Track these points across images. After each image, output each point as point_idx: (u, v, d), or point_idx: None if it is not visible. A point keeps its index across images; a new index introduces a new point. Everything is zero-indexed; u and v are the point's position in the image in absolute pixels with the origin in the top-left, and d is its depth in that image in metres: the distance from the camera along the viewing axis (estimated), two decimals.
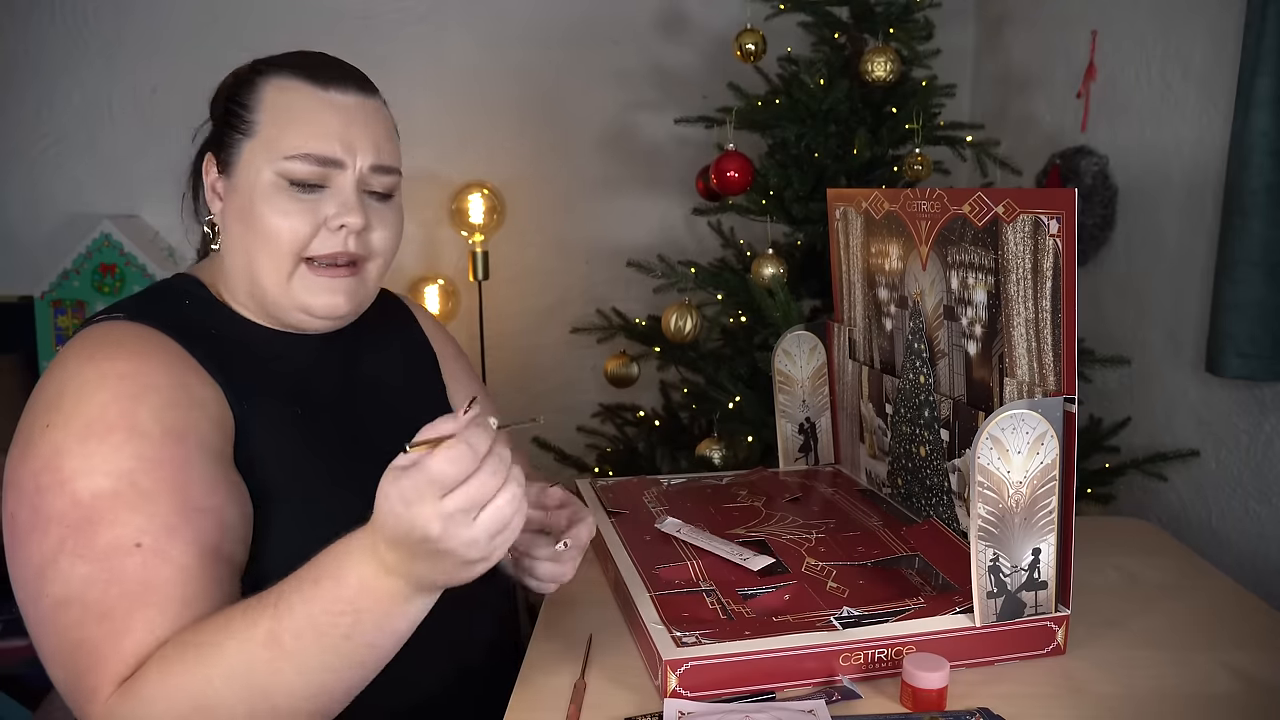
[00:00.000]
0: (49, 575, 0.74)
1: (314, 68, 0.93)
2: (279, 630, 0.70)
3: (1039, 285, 0.90)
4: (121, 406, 0.79)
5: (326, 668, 0.71)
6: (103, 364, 0.81)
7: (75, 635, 0.73)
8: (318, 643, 0.70)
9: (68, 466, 0.76)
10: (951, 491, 1.08)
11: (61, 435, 0.77)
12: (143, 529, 0.75)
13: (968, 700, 0.83)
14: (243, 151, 0.91)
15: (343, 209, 0.90)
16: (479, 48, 2.51)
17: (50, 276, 2.35)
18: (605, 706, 0.83)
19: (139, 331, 0.85)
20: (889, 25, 1.83)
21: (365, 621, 0.70)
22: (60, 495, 0.75)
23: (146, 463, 0.77)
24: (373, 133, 0.93)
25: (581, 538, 0.91)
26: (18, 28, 2.42)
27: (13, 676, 2.15)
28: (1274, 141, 1.39)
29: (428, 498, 0.64)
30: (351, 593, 0.69)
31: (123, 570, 0.74)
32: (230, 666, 0.70)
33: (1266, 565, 1.50)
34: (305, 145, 0.89)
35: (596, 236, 2.60)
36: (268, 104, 0.91)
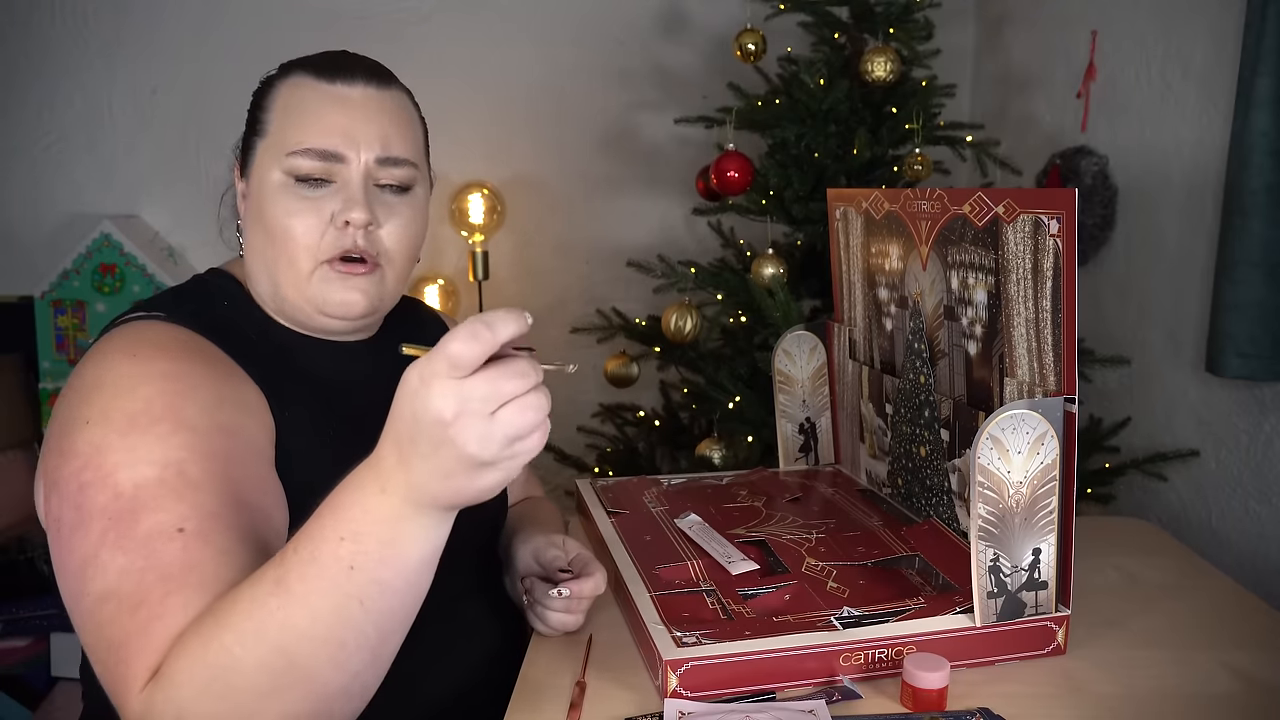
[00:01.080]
0: (89, 571, 0.71)
1: (325, 63, 0.92)
2: (285, 574, 0.65)
3: (1039, 285, 0.90)
4: (167, 400, 0.76)
5: (338, 612, 0.64)
6: (146, 363, 0.79)
7: (110, 631, 0.69)
8: (322, 579, 0.63)
9: (110, 460, 0.73)
10: (952, 491, 1.08)
11: (102, 431, 0.74)
12: (186, 515, 0.72)
13: (968, 700, 0.83)
14: (256, 153, 0.91)
15: (347, 204, 0.88)
16: (479, 48, 2.51)
17: (50, 276, 2.35)
18: (605, 706, 0.83)
19: (180, 334, 0.84)
20: (889, 25, 1.83)
21: (367, 548, 0.63)
22: (103, 489, 0.72)
23: (195, 454, 0.74)
24: (379, 124, 0.91)
25: (584, 590, 0.93)
26: (18, 29, 2.43)
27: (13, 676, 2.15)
28: (1274, 141, 1.39)
29: (446, 376, 0.59)
30: (349, 516, 0.64)
31: (161, 555, 0.70)
32: (243, 626, 0.64)
33: (1266, 565, 1.50)
34: (306, 140, 0.88)
35: (596, 236, 2.60)
36: (279, 103, 0.91)
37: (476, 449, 0.60)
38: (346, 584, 0.64)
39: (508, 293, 2.59)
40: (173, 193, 2.52)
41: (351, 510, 0.64)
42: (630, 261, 2.03)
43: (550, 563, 0.97)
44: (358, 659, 0.67)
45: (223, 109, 2.49)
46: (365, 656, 0.67)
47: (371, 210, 0.89)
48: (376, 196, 0.91)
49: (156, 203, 2.52)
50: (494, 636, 0.99)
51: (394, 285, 0.94)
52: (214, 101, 2.49)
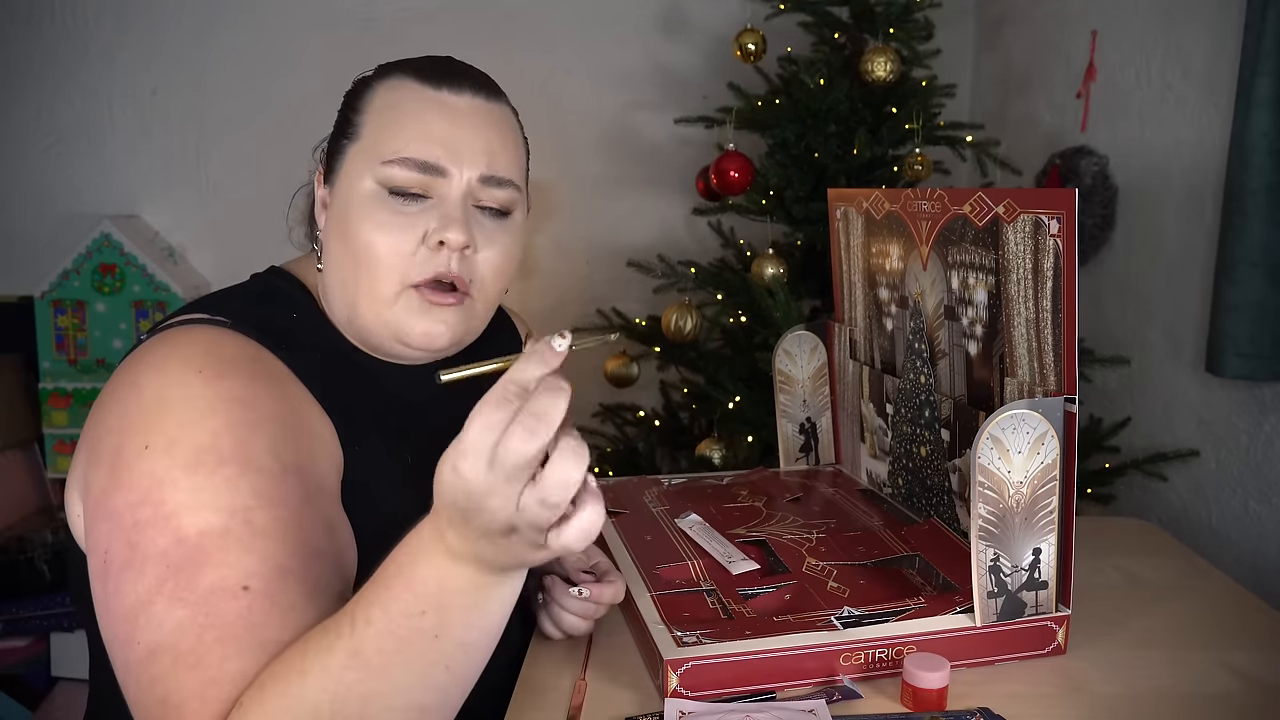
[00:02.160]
0: (142, 621, 0.66)
1: (429, 68, 0.85)
2: (361, 647, 0.60)
3: (1039, 285, 0.90)
4: (237, 435, 0.70)
5: (423, 680, 0.61)
6: (214, 383, 0.72)
7: (165, 687, 0.64)
8: (405, 651, 0.60)
9: (172, 500, 0.67)
10: (952, 491, 1.08)
11: (166, 464, 0.68)
12: (252, 571, 0.66)
13: (968, 700, 0.83)
14: (345, 157, 0.84)
15: (444, 223, 0.81)
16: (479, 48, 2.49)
17: (50, 276, 2.35)
18: (605, 706, 0.83)
19: (248, 349, 0.77)
20: (889, 25, 1.83)
21: (452, 617, 0.60)
22: (163, 532, 0.67)
23: (263, 499, 0.69)
24: (485, 138, 0.84)
25: (604, 596, 0.90)
26: (18, 29, 2.43)
27: (13, 676, 2.15)
28: (1274, 141, 1.39)
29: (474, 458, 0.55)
30: (427, 590, 0.60)
31: (224, 614, 0.65)
32: (316, 699, 0.60)
33: (1266, 565, 1.50)
34: (405, 148, 0.81)
35: (596, 236, 2.60)
36: (376, 106, 0.84)
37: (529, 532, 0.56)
38: (431, 653, 0.61)
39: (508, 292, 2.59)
40: (173, 193, 2.52)
41: (428, 583, 0.60)
42: (630, 261, 2.03)
43: (573, 564, 0.94)
44: (435, 715, 0.65)
45: (223, 109, 2.51)
46: (444, 712, 0.65)
47: (470, 232, 0.82)
48: (474, 218, 0.84)
49: (156, 203, 2.52)
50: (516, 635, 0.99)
51: (483, 316, 0.88)
52: (214, 101, 2.49)
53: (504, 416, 0.54)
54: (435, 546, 0.60)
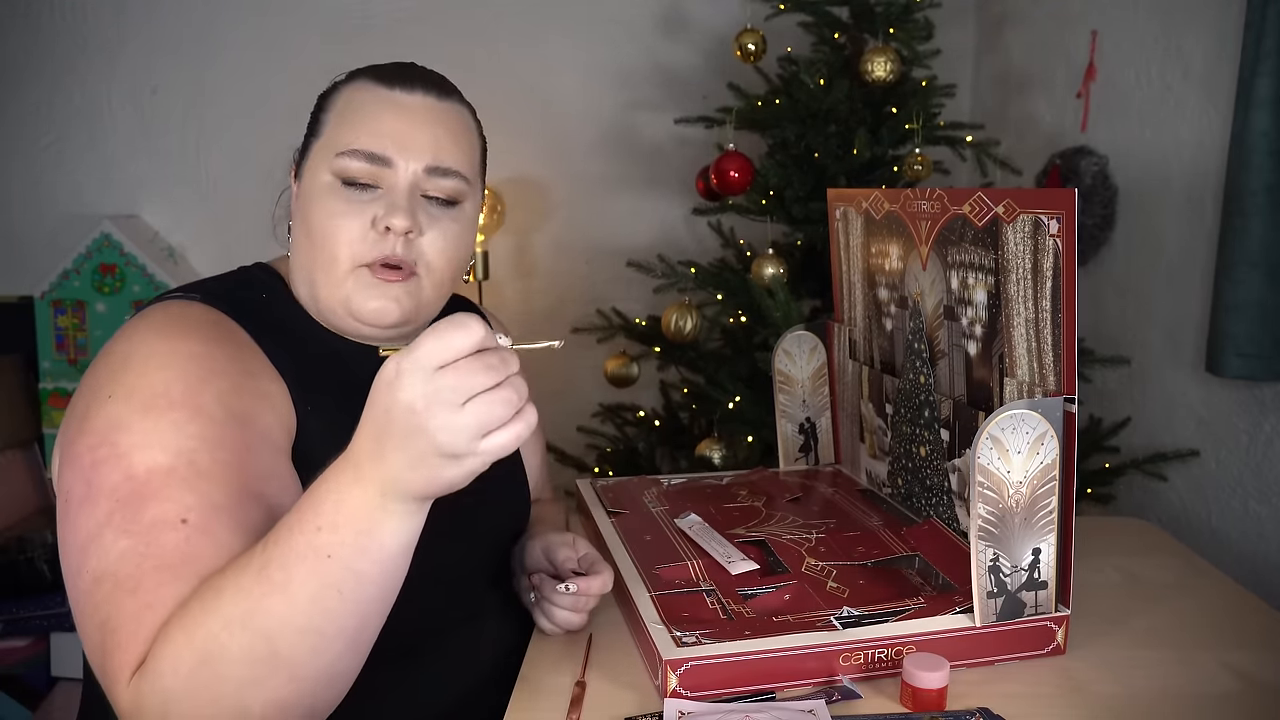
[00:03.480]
0: (91, 550, 0.72)
1: (389, 71, 0.92)
2: (267, 562, 0.66)
3: (1039, 285, 0.90)
4: (187, 385, 0.77)
5: (317, 601, 0.66)
6: (174, 341, 0.79)
7: (104, 612, 0.70)
8: (301, 568, 0.65)
9: (125, 440, 0.74)
10: (951, 491, 1.08)
11: (123, 408, 0.75)
12: (191, 506, 0.72)
13: (968, 700, 0.83)
14: (310, 153, 0.91)
15: (388, 210, 0.87)
16: (479, 48, 2.50)
17: (50, 276, 2.35)
18: (605, 706, 0.83)
19: (213, 316, 0.84)
20: (889, 25, 1.83)
21: (344, 538, 0.65)
22: (115, 468, 0.73)
23: (207, 443, 0.75)
24: (432, 133, 0.89)
25: (592, 588, 0.93)
26: (18, 27, 2.43)
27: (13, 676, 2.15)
28: (1274, 141, 1.39)
29: (418, 371, 0.62)
30: (325, 507, 0.66)
31: (162, 544, 0.71)
32: (229, 612, 0.66)
33: (1266, 565, 1.50)
34: (355, 141, 0.87)
35: (596, 236, 2.60)
36: (338, 106, 0.91)
37: (446, 439, 0.62)
38: (324, 573, 0.66)
39: (508, 293, 2.59)
40: (173, 193, 2.52)
41: (327, 501, 0.66)
42: (630, 261, 2.03)
43: (562, 562, 0.97)
44: (336, 646, 0.68)
45: (223, 109, 2.51)
46: (343, 645, 0.69)
47: (414, 218, 0.87)
48: (422, 206, 0.89)
49: (156, 203, 2.52)
50: (510, 634, 0.99)
51: (432, 296, 0.92)
52: (214, 101, 2.49)
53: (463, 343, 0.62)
54: (343, 468, 0.66)
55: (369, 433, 0.65)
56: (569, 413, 2.38)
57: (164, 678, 0.66)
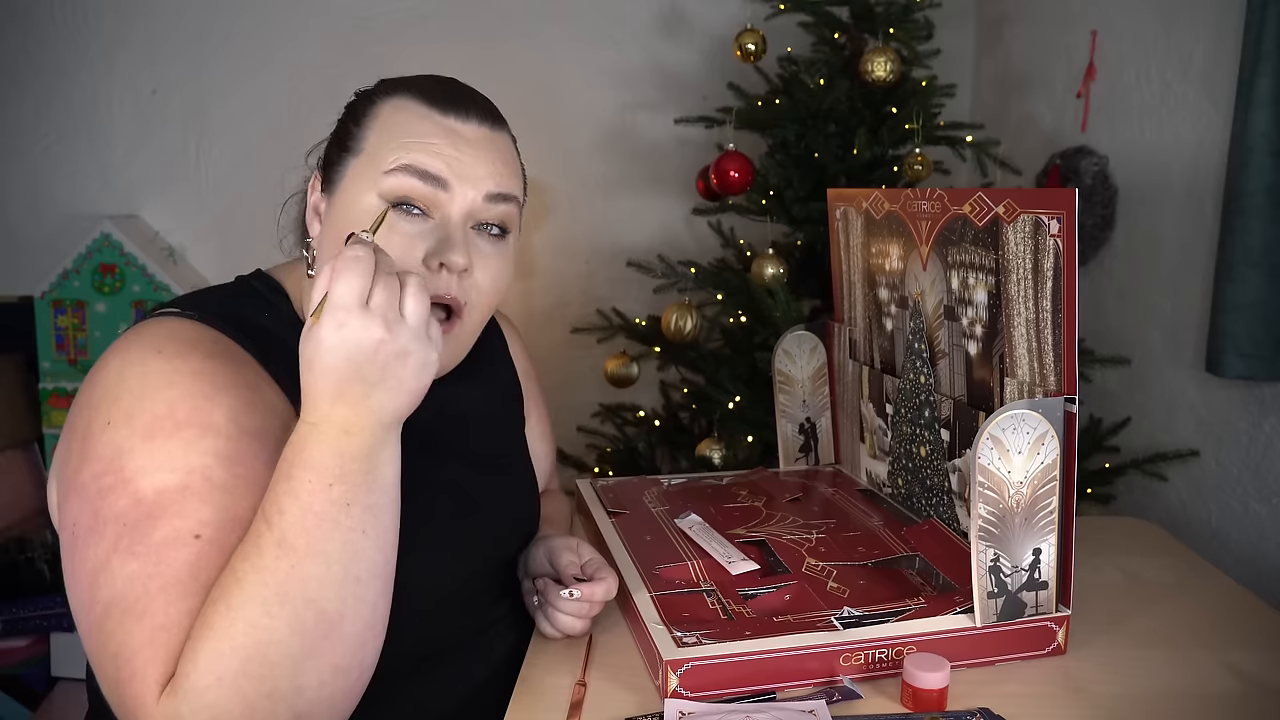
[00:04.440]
0: (101, 579, 0.68)
1: (435, 91, 0.86)
2: (284, 536, 0.66)
3: (1039, 285, 0.90)
4: (194, 404, 0.73)
5: (348, 547, 0.68)
6: (172, 360, 0.75)
7: (115, 643, 0.66)
8: (323, 525, 0.67)
9: (130, 465, 0.70)
10: (952, 491, 1.08)
11: (125, 434, 0.71)
12: (206, 521, 0.69)
13: (968, 700, 0.83)
14: (347, 169, 0.85)
15: (443, 245, 0.81)
16: (479, 48, 2.50)
17: (50, 276, 2.35)
18: (605, 706, 0.83)
19: (212, 335, 0.79)
20: (889, 25, 1.83)
21: (355, 482, 0.69)
22: (122, 495, 0.70)
23: (222, 459, 0.72)
24: (489, 160, 0.85)
25: (596, 594, 0.91)
26: (17, 27, 2.42)
27: (13, 676, 2.15)
28: (1274, 141, 1.39)
29: (353, 311, 0.67)
30: (327, 464, 0.68)
31: (171, 561, 0.67)
32: (263, 595, 0.65)
33: (1266, 565, 1.50)
34: (407, 157, 0.81)
35: (596, 236, 2.60)
36: (380, 122, 0.84)
37: (412, 348, 0.69)
38: (347, 520, 0.68)
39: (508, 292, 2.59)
40: (173, 193, 2.52)
41: (327, 459, 0.68)
42: (630, 261, 2.03)
43: (565, 567, 0.95)
44: (374, 588, 0.70)
45: (223, 109, 2.51)
46: (378, 584, 0.71)
47: (469, 254, 0.83)
48: (472, 240, 0.85)
49: (156, 203, 2.52)
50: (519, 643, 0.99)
51: (470, 338, 0.89)
52: (214, 101, 2.49)
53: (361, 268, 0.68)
54: (325, 428, 0.69)
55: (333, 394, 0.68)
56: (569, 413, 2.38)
57: (207, 692, 0.64)
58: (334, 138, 0.88)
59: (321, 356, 0.67)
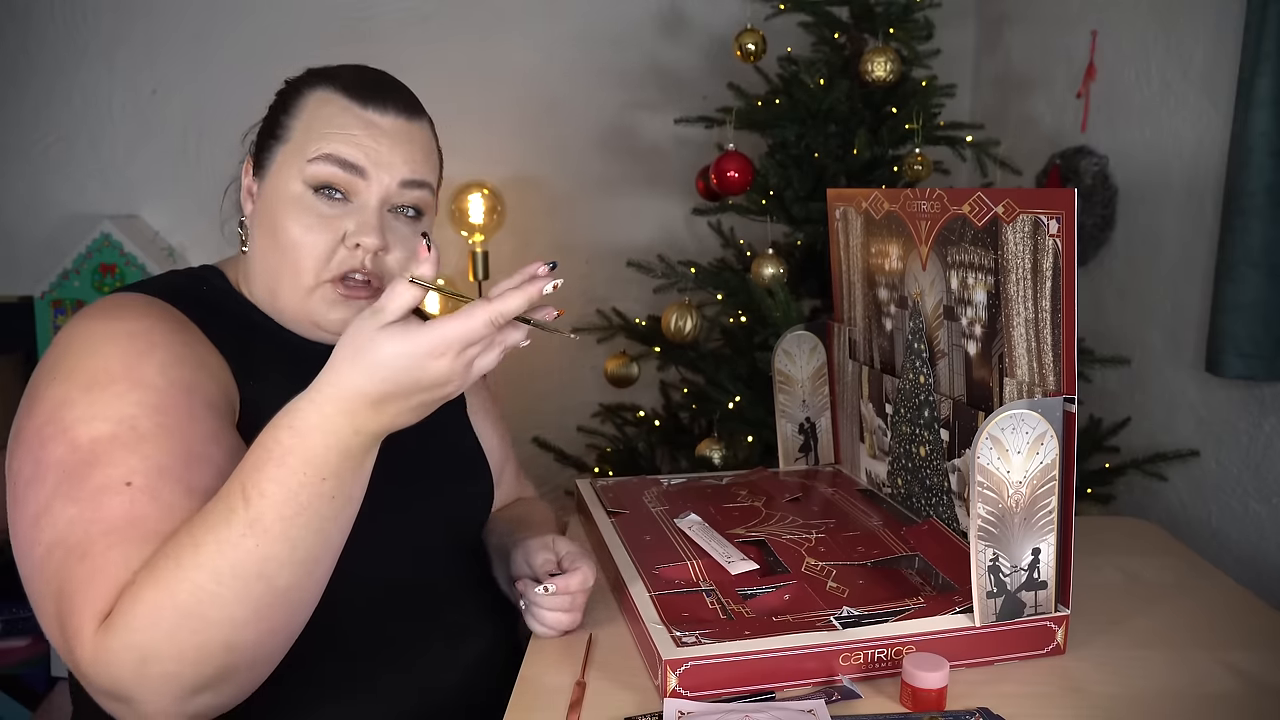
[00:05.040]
0: (43, 522, 0.74)
1: (358, 85, 0.92)
2: (260, 516, 0.70)
3: (1039, 285, 0.90)
4: (127, 360, 0.79)
5: (319, 535, 0.72)
6: (111, 322, 0.82)
7: (58, 580, 0.72)
8: (305, 514, 0.71)
9: (69, 415, 0.76)
10: (951, 491, 1.08)
11: (65, 388, 0.78)
12: (134, 469, 0.75)
13: (968, 700, 0.83)
14: (275, 157, 0.91)
15: (361, 227, 0.89)
16: (479, 48, 2.51)
17: (50, 276, 2.35)
18: (605, 706, 0.83)
19: (149, 300, 0.86)
20: (889, 25, 1.83)
21: (344, 477, 0.72)
22: (61, 443, 0.75)
23: (147, 409, 0.77)
24: (405, 150, 0.91)
25: (571, 585, 0.94)
26: (17, 28, 2.42)
27: (13, 676, 2.15)
28: (1274, 141, 1.39)
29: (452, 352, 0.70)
30: (327, 459, 0.71)
31: (108, 508, 0.73)
32: (217, 564, 0.69)
33: (1266, 565, 1.50)
34: (328, 147, 0.88)
35: (596, 236, 2.60)
36: (306, 113, 0.91)
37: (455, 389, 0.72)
38: (327, 510, 0.72)
39: None
40: (173, 193, 2.52)
41: (329, 454, 0.71)
42: (630, 261, 2.03)
43: (540, 565, 0.98)
44: (325, 565, 0.75)
45: (223, 109, 2.50)
46: (330, 560, 0.76)
47: (384, 236, 0.89)
48: (389, 222, 0.91)
49: (156, 203, 2.52)
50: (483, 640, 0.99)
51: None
52: (214, 101, 2.49)
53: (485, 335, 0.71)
54: (340, 424, 0.70)
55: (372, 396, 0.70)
56: (569, 413, 2.38)
57: (140, 633, 0.68)
58: (265, 125, 0.95)
59: (397, 363, 0.69)
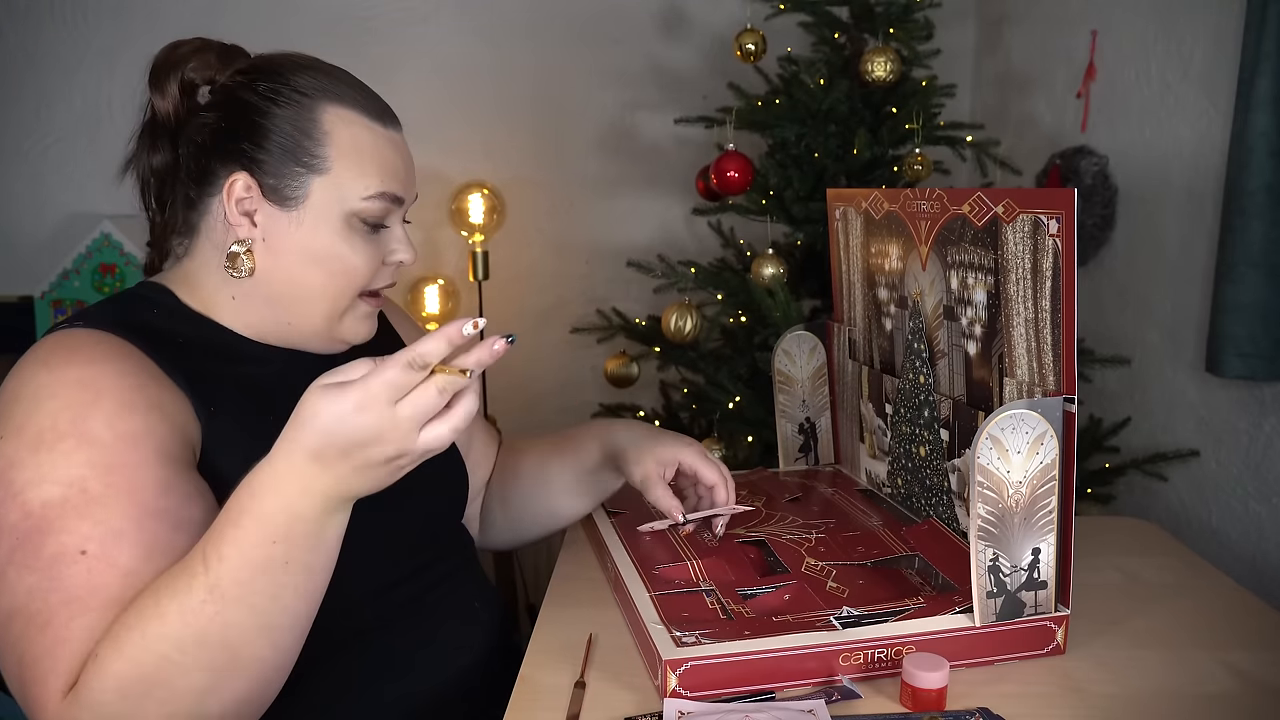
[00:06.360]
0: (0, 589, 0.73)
1: (366, 100, 0.92)
2: (219, 581, 0.70)
3: (1039, 285, 0.90)
4: (74, 413, 0.77)
5: (276, 602, 0.72)
6: (56, 370, 0.79)
7: (20, 649, 0.72)
8: (259, 579, 0.70)
9: (20, 478, 0.75)
10: (951, 491, 1.08)
11: (13, 446, 0.76)
12: (88, 535, 0.74)
13: (967, 700, 0.83)
14: (309, 187, 0.88)
15: (401, 246, 0.94)
16: (479, 48, 2.51)
17: (50, 276, 2.35)
18: (605, 706, 0.83)
19: (98, 337, 0.83)
20: (889, 25, 1.83)
21: (297, 544, 0.71)
22: (12, 507, 0.74)
23: (98, 469, 0.76)
24: (412, 167, 0.96)
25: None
26: (17, 27, 2.42)
27: None
28: (1274, 141, 1.39)
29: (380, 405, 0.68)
30: (276, 521, 0.70)
31: (66, 578, 0.72)
32: (181, 634, 0.69)
33: (1266, 565, 1.50)
34: (383, 185, 0.90)
35: (596, 236, 2.60)
36: (335, 140, 0.88)
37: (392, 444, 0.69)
38: (282, 577, 0.72)
39: (508, 293, 2.59)
40: None
41: (278, 516, 0.70)
42: (630, 261, 2.03)
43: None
44: (293, 634, 0.75)
45: None
46: (298, 631, 0.76)
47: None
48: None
49: None
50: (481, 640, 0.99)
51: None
52: None
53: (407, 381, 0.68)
54: (288, 484, 0.70)
55: (311, 450, 0.69)
56: (569, 413, 2.38)
57: (107, 705, 0.69)
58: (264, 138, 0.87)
59: (327, 417, 0.68)
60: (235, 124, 0.88)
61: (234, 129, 0.88)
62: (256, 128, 0.88)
